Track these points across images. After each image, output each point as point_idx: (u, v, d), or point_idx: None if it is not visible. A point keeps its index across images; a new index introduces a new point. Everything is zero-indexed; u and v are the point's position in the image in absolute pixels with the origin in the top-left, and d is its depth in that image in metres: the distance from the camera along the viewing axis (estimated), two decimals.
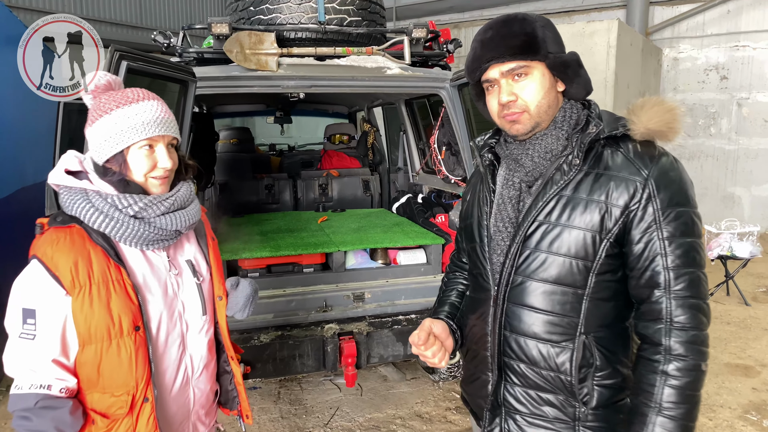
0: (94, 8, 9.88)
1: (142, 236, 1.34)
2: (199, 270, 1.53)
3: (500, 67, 1.25)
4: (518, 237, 1.28)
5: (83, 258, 1.27)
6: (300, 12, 3.13)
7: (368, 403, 3.72)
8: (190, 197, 1.46)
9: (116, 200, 1.31)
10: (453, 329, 1.48)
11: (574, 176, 1.24)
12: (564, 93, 1.31)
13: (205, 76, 2.77)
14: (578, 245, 1.23)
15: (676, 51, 9.20)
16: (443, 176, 3.59)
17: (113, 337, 1.30)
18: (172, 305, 1.44)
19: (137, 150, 1.32)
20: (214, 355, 1.62)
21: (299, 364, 2.83)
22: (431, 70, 3.26)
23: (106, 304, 1.28)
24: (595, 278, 1.24)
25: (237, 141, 5.57)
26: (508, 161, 1.35)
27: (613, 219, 1.21)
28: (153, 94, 1.38)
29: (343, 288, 3.11)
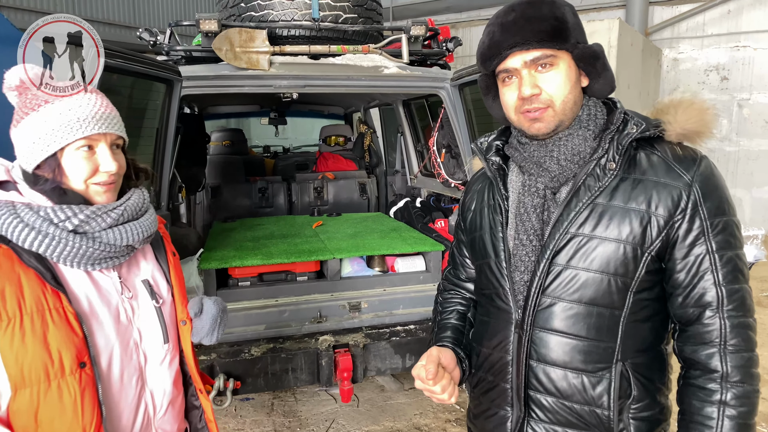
0: (86, 8, 9.73)
1: (85, 254, 1.13)
2: (158, 291, 1.33)
3: (524, 55, 1.10)
4: (548, 252, 1.13)
5: (12, 284, 1.06)
6: (293, 8, 3.00)
7: (365, 415, 3.59)
8: (143, 206, 1.27)
9: (51, 213, 1.10)
10: (461, 358, 1.32)
11: (609, 182, 1.11)
12: (585, 89, 1.18)
13: (193, 75, 2.64)
14: (617, 260, 1.10)
15: (676, 51, 9.11)
16: (443, 180, 3.46)
17: (53, 377, 1.08)
18: (126, 334, 1.23)
19: (74, 152, 1.12)
20: (181, 389, 1.40)
21: (292, 378, 2.69)
22: (430, 69, 3.14)
23: (42, 338, 1.07)
24: (634, 297, 1.12)
25: (229, 143, 5.45)
26: (528, 165, 1.20)
27: (656, 230, 1.09)
28: (92, 87, 1.20)
29: (338, 297, 2.97)
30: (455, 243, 1.49)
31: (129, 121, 2.40)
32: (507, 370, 1.22)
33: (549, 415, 1.19)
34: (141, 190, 1.31)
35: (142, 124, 2.48)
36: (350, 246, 3.21)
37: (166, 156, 2.61)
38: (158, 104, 2.49)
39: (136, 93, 2.35)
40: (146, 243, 1.31)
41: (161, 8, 11.18)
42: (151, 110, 2.48)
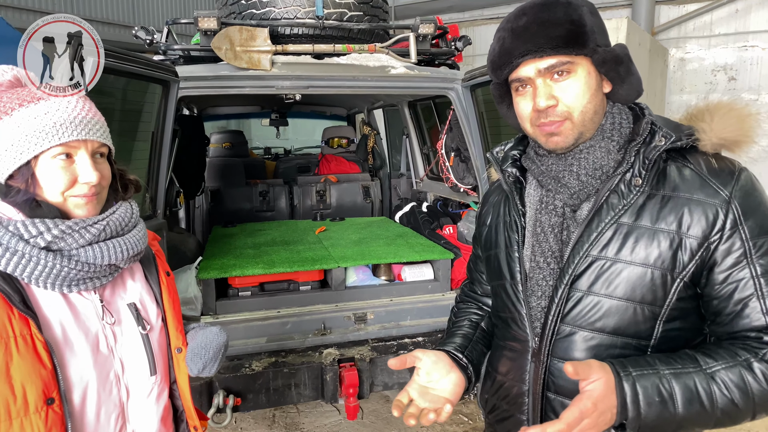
0: (84, 7, 9.63)
1: (59, 275, 1.01)
2: (146, 316, 1.20)
3: (537, 63, 1.01)
4: (566, 277, 1.04)
5: None
6: (296, 6, 2.87)
7: (370, 427, 3.48)
8: (130, 220, 1.15)
9: (21, 228, 0.99)
10: (461, 364, 1.21)
11: (635, 200, 1.01)
12: (609, 95, 1.07)
13: (191, 75, 2.51)
14: (644, 287, 0.99)
15: (683, 51, 9.00)
16: (452, 184, 3.34)
17: (14, 415, 0.95)
18: (106, 365, 1.10)
19: (49, 160, 1.01)
20: (171, 426, 1.27)
21: (295, 394, 2.57)
22: (439, 69, 3.01)
23: (5, 370, 0.95)
24: (663, 327, 1.01)
25: (229, 145, 5.32)
26: (545, 179, 1.10)
27: (689, 253, 0.97)
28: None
29: (343, 308, 2.84)
30: (472, 256, 1.41)
31: (124, 124, 2.30)
32: (523, 401, 1.14)
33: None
34: (129, 203, 1.18)
35: (137, 127, 2.36)
36: (355, 254, 3.09)
37: (162, 160, 2.48)
38: (154, 106, 2.36)
39: (131, 94, 2.22)
40: (134, 262, 1.18)
41: (160, 7, 11.08)
42: (146, 112, 2.35)
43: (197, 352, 1.23)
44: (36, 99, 1.02)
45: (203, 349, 1.23)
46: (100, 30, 9.79)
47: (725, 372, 0.92)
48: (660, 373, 0.92)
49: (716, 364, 0.93)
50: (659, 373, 0.92)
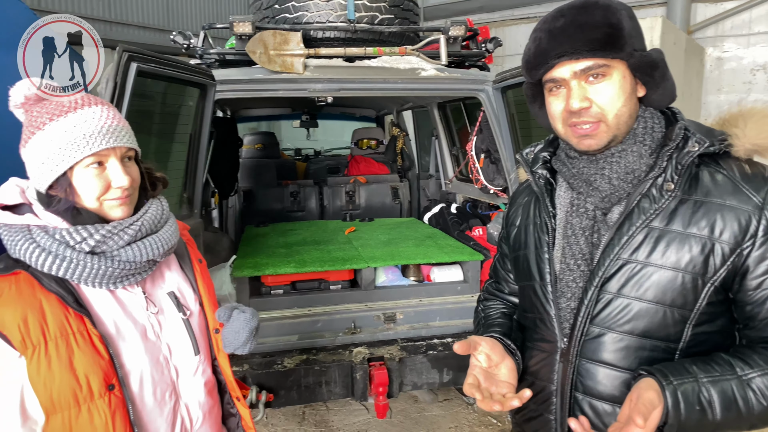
0: (122, 12, 9.90)
1: (105, 274, 1.10)
2: (185, 302, 1.29)
3: (573, 65, 1.01)
4: (596, 279, 1.05)
5: (34, 310, 1.04)
6: (328, 10, 2.92)
7: (398, 426, 3.50)
8: (162, 218, 1.22)
9: (66, 235, 1.07)
10: (511, 350, 1.20)
11: (666, 204, 1.01)
12: (641, 99, 1.07)
13: (226, 78, 2.58)
14: (674, 290, 1.00)
15: (720, 50, 8.76)
16: (481, 186, 3.33)
17: (82, 402, 1.06)
18: (155, 350, 1.20)
19: (83, 170, 1.08)
20: (217, 398, 1.38)
21: (325, 391, 2.61)
22: (469, 71, 3.01)
23: (68, 363, 1.04)
24: (692, 330, 1.02)
25: (261, 146, 5.42)
26: (577, 182, 1.11)
27: (720, 259, 0.98)
28: (97, 99, 1.14)
29: (372, 307, 2.87)
30: (498, 256, 1.42)
31: (162, 126, 2.38)
32: (551, 401, 1.15)
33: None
34: (159, 200, 1.26)
35: (175, 129, 2.44)
36: (384, 254, 3.12)
37: (199, 161, 2.56)
38: (192, 109, 2.44)
39: (170, 98, 2.30)
40: (169, 254, 1.26)
41: (195, 11, 11.31)
42: (184, 115, 2.43)
43: (230, 338, 1.30)
44: (64, 112, 1.08)
45: (236, 334, 1.30)
46: (137, 34, 10.06)
47: (761, 379, 0.94)
48: (699, 381, 0.93)
49: (752, 371, 0.94)
50: (698, 381, 0.93)
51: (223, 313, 1.33)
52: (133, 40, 9.66)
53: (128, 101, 1.83)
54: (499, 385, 1.09)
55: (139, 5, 10.22)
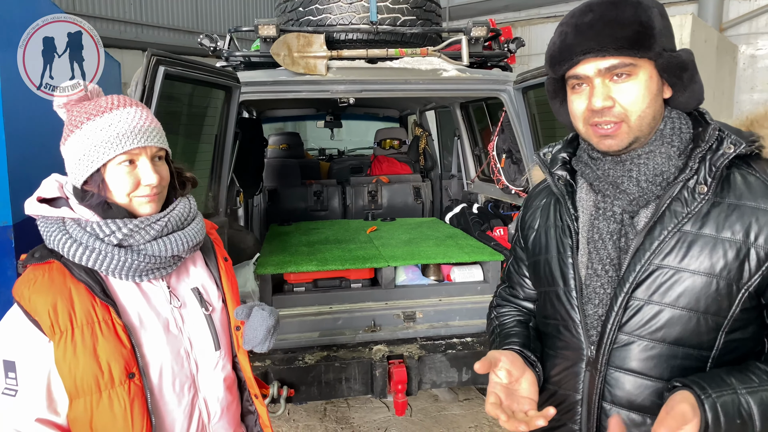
0: (152, 15, 10.13)
1: (131, 267, 1.15)
2: (208, 299, 1.34)
3: (598, 62, 0.99)
4: (627, 285, 1.02)
5: (63, 298, 1.10)
6: (351, 12, 2.96)
7: (418, 425, 3.52)
8: (189, 215, 1.27)
9: (96, 228, 1.13)
10: (531, 361, 1.18)
11: (699, 207, 0.99)
12: (667, 100, 1.05)
13: (251, 80, 2.65)
14: (708, 297, 0.98)
15: (754, 48, 8.54)
16: (503, 186, 3.34)
17: (103, 388, 1.12)
18: (177, 343, 1.25)
19: (115, 167, 1.14)
20: (236, 394, 1.42)
21: (345, 387, 2.65)
22: (491, 71, 3.02)
23: (92, 350, 1.10)
24: (725, 337, 0.99)
25: (286, 146, 5.50)
26: (602, 185, 1.08)
27: (755, 263, 0.96)
28: (132, 100, 1.20)
29: (392, 306, 2.90)
30: (512, 260, 1.38)
31: (189, 127, 2.45)
32: (576, 410, 1.12)
33: None
34: (187, 198, 1.31)
35: (202, 130, 2.51)
36: (405, 253, 3.15)
37: (224, 161, 2.63)
38: (217, 110, 2.51)
39: (196, 99, 2.37)
40: (194, 251, 1.31)
41: (223, 13, 11.50)
42: (210, 116, 2.50)
43: (249, 335, 1.35)
44: (101, 112, 1.14)
45: (254, 331, 1.34)
46: (166, 36, 10.28)
47: None
48: (738, 392, 0.91)
49: None
50: (737, 392, 0.91)
51: (242, 311, 1.37)
52: (162, 42, 9.87)
53: (156, 103, 1.90)
54: (520, 402, 1.06)
55: (168, 8, 10.45)
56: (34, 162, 3.45)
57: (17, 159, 3.44)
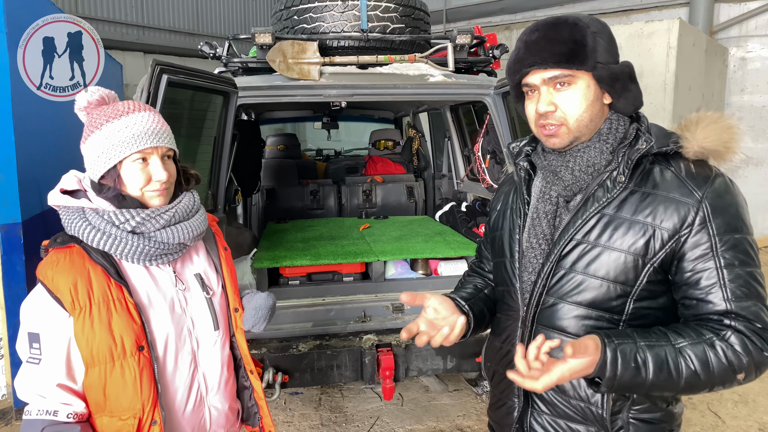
0: (153, 16, 10.26)
1: (143, 252, 1.30)
2: (209, 284, 1.48)
3: (542, 73, 1.17)
4: (553, 256, 1.21)
5: (83, 278, 1.25)
6: (343, 20, 3.12)
7: (409, 414, 3.66)
8: (193, 208, 1.42)
9: (113, 216, 1.27)
10: (464, 310, 1.34)
11: (618, 194, 1.16)
12: (611, 105, 1.23)
13: (248, 85, 2.80)
14: (617, 268, 1.15)
15: (744, 50, 8.67)
16: (487, 185, 3.50)
17: (116, 358, 1.26)
18: (180, 322, 1.39)
19: (130, 164, 1.28)
20: (232, 371, 1.56)
21: (337, 374, 2.81)
22: (476, 76, 3.18)
23: (107, 324, 1.25)
24: (634, 304, 1.17)
25: (284, 147, 5.64)
26: (546, 173, 1.27)
27: (660, 243, 1.13)
28: (146, 106, 1.34)
29: (382, 298, 3.06)
30: (483, 238, 1.58)
31: (190, 130, 2.62)
32: (513, 364, 1.29)
33: (550, 408, 1.26)
34: (192, 193, 1.46)
35: (202, 132, 2.67)
36: (394, 249, 3.31)
37: (223, 161, 2.79)
38: (216, 114, 2.67)
39: (196, 104, 2.53)
40: (198, 240, 1.46)
41: (223, 16, 11.63)
42: (209, 119, 2.66)
43: (250, 314, 1.52)
44: (118, 116, 1.28)
45: (256, 311, 1.52)
46: (168, 38, 10.42)
47: (691, 348, 1.06)
48: (637, 344, 1.06)
49: (684, 340, 1.07)
50: (636, 344, 1.06)
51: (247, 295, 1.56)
52: (164, 44, 10.01)
53: (159, 108, 2.07)
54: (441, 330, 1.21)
55: (170, 11, 10.58)
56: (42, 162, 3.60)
57: (26, 159, 3.58)
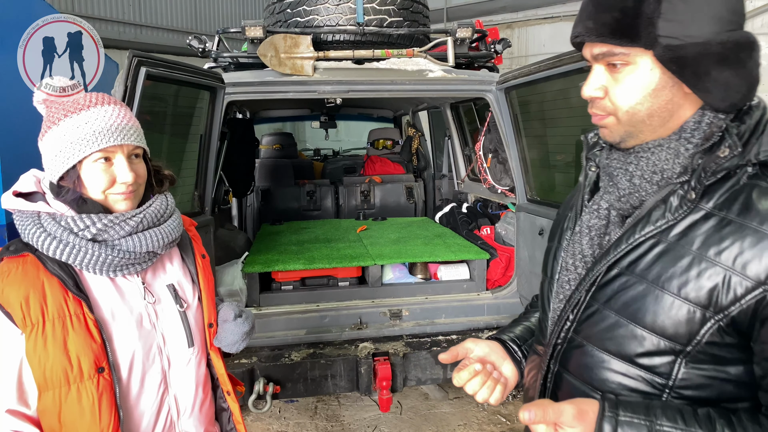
0: (150, 15, 10.18)
1: (105, 262, 1.16)
2: (183, 296, 1.34)
3: (591, 47, 0.88)
4: (585, 284, 0.92)
5: (36, 291, 1.11)
6: (338, 13, 2.99)
7: (408, 423, 3.55)
8: (165, 212, 1.28)
9: (71, 222, 1.14)
10: (516, 358, 1.11)
11: (685, 215, 0.83)
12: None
13: (237, 81, 2.67)
14: (665, 318, 0.82)
15: None
16: (489, 185, 3.37)
17: (72, 381, 1.12)
18: (149, 339, 1.25)
19: (91, 164, 1.15)
20: (209, 391, 1.41)
21: (331, 384, 2.68)
22: (477, 72, 3.06)
23: (63, 343, 1.11)
24: (686, 368, 0.82)
25: (279, 146, 5.54)
26: (603, 175, 0.97)
27: (733, 294, 0.77)
28: (111, 98, 1.21)
29: (379, 304, 2.94)
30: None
31: (173, 127, 2.49)
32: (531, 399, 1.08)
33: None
34: (165, 195, 1.32)
35: (186, 129, 2.54)
36: (392, 252, 3.18)
37: (210, 160, 2.66)
38: (202, 110, 2.54)
39: (182, 100, 2.40)
40: (170, 248, 1.32)
41: (220, 14, 11.55)
42: (195, 116, 2.53)
43: (221, 336, 1.38)
44: (78, 110, 1.15)
45: (228, 333, 1.38)
46: (164, 36, 10.33)
47: None
48: (653, 427, 0.78)
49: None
50: (652, 427, 0.78)
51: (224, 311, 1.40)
52: (161, 43, 9.91)
53: (138, 103, 1.94)
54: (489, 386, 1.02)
55: (166, 9, 10.50)
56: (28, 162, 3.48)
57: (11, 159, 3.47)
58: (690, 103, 0.86)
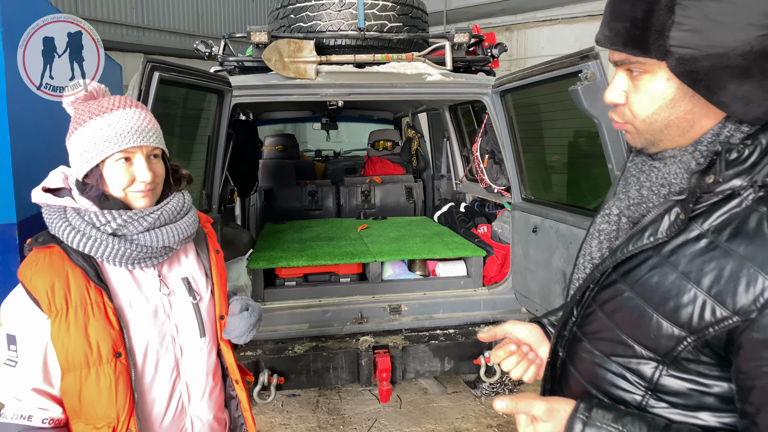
0: (154, 18, 10.28)
1: (124, 255, 1.25)
2: (197, 288, 1.42)
3: (612, 53, 0.86)
4: (585, 284, 0.95)
5: (61, 280, 1.20)
6: (340, 19, 3.10)
7: (407, 416, 3.63)
8: (182, 209, 1.36)
9: (93, 217, 1.23)
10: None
11: (675, 233, 0.81)
12: None
13: (243, 84, 2.78)
14: (648, 331, 0.82)
15: None
16: (486, 185, 3.47)
17: (91, 364, 1.21)
18: (163, 328, 1.33)
19: (113, 163, 1.23)
20: (219, 380, 1.49)
21: (333, 376, 2.78)
22: (474, 75, 3.16)
23: (84, 329, 1.20)
24: (666, 375, 0.83)
25: (282, 147, 5.63)
26: (622, 180, 0.98)
27: (708, 319, 0.76)
28: (134, 102, 1.29)
29: (379, 299, 3.04)
30: None
31: (183, 129, 2.60)
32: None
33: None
34: (182, 193, 1.40)
35: (196, 131, 2.65)
36: (392, 249, 3.28)
37: (217, 161, 2.76)
38: (210, 112, 2.65)
39: (191, 102, 2.51)
40: (186, 243, 1.40)
41: (223, 16, 11.65)
42: (204, 118, 2.64)
43: (230, 328, 1.46)
44: (102, 112, 1.23)
45: (236, 326, 1.46)
46: (168, 39, 10.43)
47: None
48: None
49: None
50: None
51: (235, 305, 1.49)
52: (164, 45, 10.02)
53: (151, 106, 2.04)
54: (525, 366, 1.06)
55: (169, 12, 10.60)
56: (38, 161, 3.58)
57: (22, 159, 3.56)
58: (714, 112, 0.81)
